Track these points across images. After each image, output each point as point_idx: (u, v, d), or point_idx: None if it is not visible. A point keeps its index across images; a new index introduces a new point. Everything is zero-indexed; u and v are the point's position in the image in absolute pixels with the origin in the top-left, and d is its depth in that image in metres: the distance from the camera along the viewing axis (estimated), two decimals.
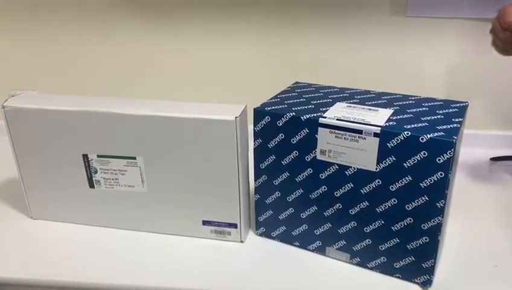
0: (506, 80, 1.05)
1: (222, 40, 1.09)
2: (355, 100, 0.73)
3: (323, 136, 0.66)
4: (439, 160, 0.60)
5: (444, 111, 0.68)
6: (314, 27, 1.05)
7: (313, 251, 0.76)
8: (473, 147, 1.10)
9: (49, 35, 1.13)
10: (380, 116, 0.66)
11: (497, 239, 0.79)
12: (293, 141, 0.69)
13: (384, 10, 1.02)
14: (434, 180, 0.61)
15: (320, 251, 0.76)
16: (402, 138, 0.61)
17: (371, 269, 0.72)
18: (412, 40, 1.04)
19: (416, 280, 0.69)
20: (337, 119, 0.65)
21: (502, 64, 1.04)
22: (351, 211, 0.69)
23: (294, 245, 0.78)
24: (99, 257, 0.76)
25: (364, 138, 0.64)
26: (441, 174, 0.61)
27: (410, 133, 0.61)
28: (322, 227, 0.73)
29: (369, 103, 0.72)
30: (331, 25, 1.04)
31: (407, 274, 0.69)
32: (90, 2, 1.08)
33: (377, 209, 0.67)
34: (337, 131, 0.65)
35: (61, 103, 0.75)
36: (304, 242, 0.77)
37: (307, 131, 0.67)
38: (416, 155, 0.61)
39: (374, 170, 0.65)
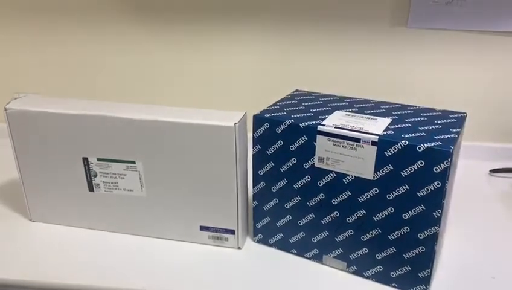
0: (506, 91, 1.06)
1: (223, 47, 1.10)
2: (354, 109, 0.73)
3: (322, 143, 0.67)
4: (436, 169, 0.60)
5: (442, 121, 0.69)
6: (314, 36, 1.06)
7: (309, 258, 0.76)
8: (473, 159, 1.10)
9: (55, 38, 1.14)
10: (378, 125, 0.66)
11: (495, 251, 0.79)
12: (291, 148, 0.69)
13: (385, 21, 1.03)
14: (431, 189, 0.61)
15: (317, 259, 0.76)
16: (399, 147, 0.61)
17: (368, 278, 0.72)
18: (412, 51, 1.05)
19: (412, 289, 0.69)
20: (335, 127, 0.66)
21: (501, 76, 1.04)
22: (348, 219, 0.69)
23: (292, 253, 0.78)
24: (97, 260, 0.76)
25: (362, 146, 0.64)
26: (438, 184, 0.61)
27: (407, 142, 0.61)
28: (319, 235, 0.73)
29: (368, 112, 0.72)
30: (332, 35, 1.05)
31: (403, 284, 0.69)
32: (95, 7, 1.10)
33: (374, 217, 0.67)
34: (335, 139, 0.66)
35: (63, 106, 0.76)
36: (301, 250, 0.77)
37: (306, 138, 0.68)
38: (414, 164, 0.61)
39: (371, 178, 0.65)
